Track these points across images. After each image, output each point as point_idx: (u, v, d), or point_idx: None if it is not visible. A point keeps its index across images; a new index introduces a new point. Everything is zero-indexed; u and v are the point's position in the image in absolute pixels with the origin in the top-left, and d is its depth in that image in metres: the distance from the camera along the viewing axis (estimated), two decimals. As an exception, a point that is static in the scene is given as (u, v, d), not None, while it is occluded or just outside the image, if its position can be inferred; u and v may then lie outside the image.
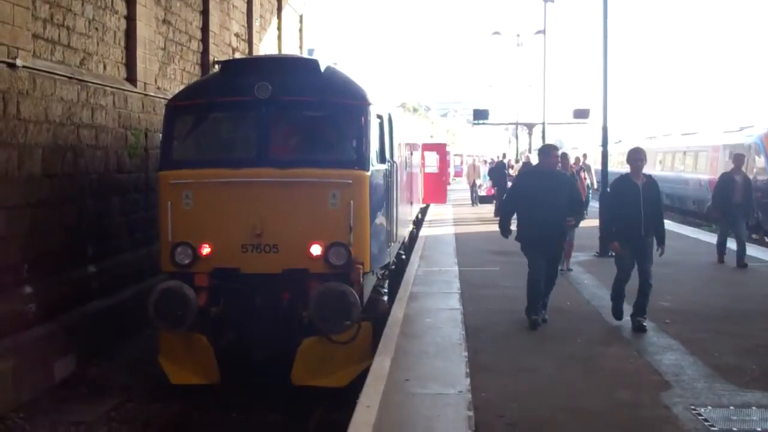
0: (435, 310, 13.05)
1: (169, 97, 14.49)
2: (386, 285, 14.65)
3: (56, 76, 13.07)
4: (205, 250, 11.35)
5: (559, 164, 14.03)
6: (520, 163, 37.80)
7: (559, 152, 13.83)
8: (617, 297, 12.16)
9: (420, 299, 13.92)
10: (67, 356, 12.55)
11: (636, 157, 12.06)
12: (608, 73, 20.35)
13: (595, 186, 29.66)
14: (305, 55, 32.18)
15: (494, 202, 35.16)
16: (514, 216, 12.45)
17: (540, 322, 11.98)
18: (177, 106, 12.31)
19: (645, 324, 11.62)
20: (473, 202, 40.49)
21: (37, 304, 12.10)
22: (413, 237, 23.74)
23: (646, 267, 11.78)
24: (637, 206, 11.64)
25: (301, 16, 34.82)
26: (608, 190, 13.25)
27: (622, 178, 12.28)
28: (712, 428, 7.53)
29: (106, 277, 14.45)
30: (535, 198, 11.81)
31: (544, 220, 11.74)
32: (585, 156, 34.24)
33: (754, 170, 29.75)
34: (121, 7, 16.04)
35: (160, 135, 12.96)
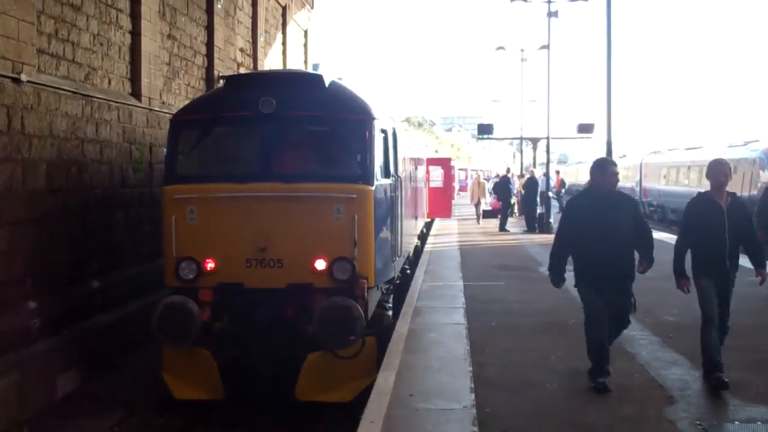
0: (440, 324, 13.01)
1: (174, 111, 14.52)
2: (391, 300, 14.63)
3: (61, 91, 13.11)
4: (210, 264, 11.34)
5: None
6: (525, 178, 37.84)
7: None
8: (712, 347, 9.43)
9: (425, 314, 13.89)
10: (71, 371, 12.54)
11: (719, 170, 9.66)
12: (612, 87, 20.38)
13: None
14: (310, 70, 32.30)
15: (498, 216, 35.08)
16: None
17: (608, 385, 9.34)
18: (181, 121, 12.33)
19: (726, 379, 9.22)
20: (478, 220, 38.99)
21: (41, 318, 12.09)
22: (418, 251, 23.72)
23: (725, 308, 9.64)
24: (720, 233, 9.34)
25: (305, 32, 34.93)
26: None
27: (702, 198, 9.81)
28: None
29: (110, 292, 14.44)
30: (592, 229, 9.39)
31: (605, 257, 9.33)
32: None
33: (759, 184, 29.74)
34: (126, 23, 16.08)
35: (165, 150, 12.97)
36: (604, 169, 9.71)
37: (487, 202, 42.22)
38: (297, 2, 32.75)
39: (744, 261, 9.67)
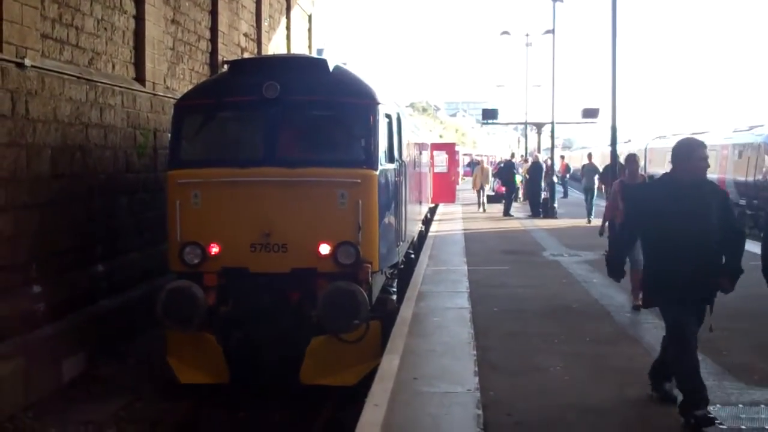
0: (443, 309, 13.02)
1: (178, 96, 14.51)
2: (395, 284, 14.65)
3: (65, 76, 13.09)
4: (214, 249, 11.36)
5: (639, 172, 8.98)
6: (529, 162, 37.80)
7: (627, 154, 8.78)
8: None
9: (428, 298, 13.89)
10: (76, 356, 12.57)
11: None
12: (617, 72, 20.34)
13: None
14: (314, 54, 32.24)
15: (503, 201, 35.04)
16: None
17: (712, 419, 7.42)
18: (185, 106, 12.33)
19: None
20: (481, 207, 36.48)
21: (46, 303, 12.12)
22: (422, 236, 23.72)
23: None
24: None
25: (310, 16, 34.85)
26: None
27: None
28: (721, 426, 7.47)
29: (114, 277, 14.47)
30: (675, 224, 7.54)
31: (691, 259, 7.52)
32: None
33: (764, 169, 29.72)
34: (130, 7, 16.06)
35: (169, 135, 12.98)
36: (690, 152, 7.79)
37: (491, 188, 41.96)
38: (301, -13, 32.69)
39: (753, 247, 9.60)
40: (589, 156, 34.07)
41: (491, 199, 39.49)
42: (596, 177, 30.37)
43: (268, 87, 11.49)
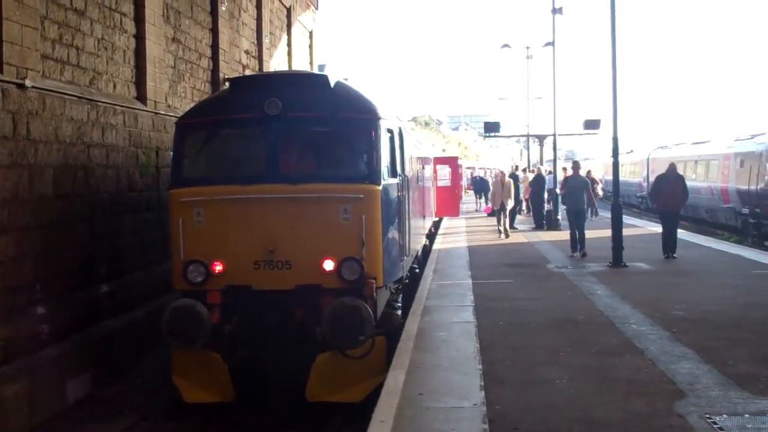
0: (449, 323, 12.99)
1: (180, 115, 14.52)
2: (400, 299, 14.62)
3: (66, 96, 13.11)
4: (218, 267, 11.34)
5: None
6: (533, 175, 37.72)
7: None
8: None
9: (434, 313, 13.87)
10: (82, 376, 12.54)
11: None
12: (618, 82, 20.31)
13: None
14: (316, 70, 32.32)
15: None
16: None
17: None
18: (187, 124, 12.34)
19: None
20: (502, 233, 29.01)
21: (50, 324, 12.10)
22: (426, 250, 23.70)
23: None
24: None
25: (311, 32, 34.97)
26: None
27: None
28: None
29: (118, 296, 14.45)
30: None
31: None
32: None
33: (766, 177, 29.72)
34: (130, 26, 16.10)
35: (171, 153, 12.99)
36: None
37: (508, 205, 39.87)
38: (302, 3, 32.80)
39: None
40: (575, 166, 25.67)
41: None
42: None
43: (269, 104, 11.51)
